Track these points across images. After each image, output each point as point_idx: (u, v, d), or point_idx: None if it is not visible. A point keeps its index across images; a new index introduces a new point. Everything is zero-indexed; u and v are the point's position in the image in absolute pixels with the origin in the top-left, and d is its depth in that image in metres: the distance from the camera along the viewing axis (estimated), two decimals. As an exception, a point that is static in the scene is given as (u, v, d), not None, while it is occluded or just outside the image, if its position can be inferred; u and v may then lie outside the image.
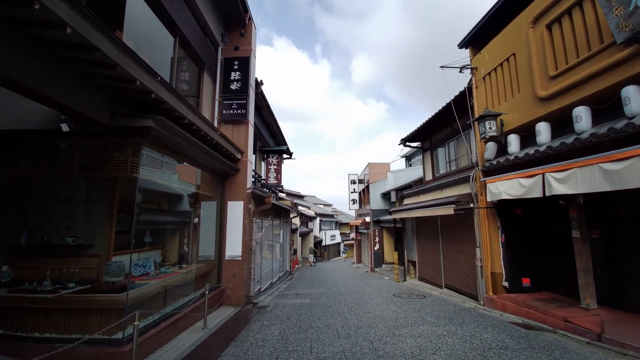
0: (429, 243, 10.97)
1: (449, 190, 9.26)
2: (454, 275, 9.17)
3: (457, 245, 9.00)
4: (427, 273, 11.19)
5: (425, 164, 12.72)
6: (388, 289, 10.33)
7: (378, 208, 19.11)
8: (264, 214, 9.28)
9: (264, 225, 10.20)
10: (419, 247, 11.85)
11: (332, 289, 10.48)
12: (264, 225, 10.48)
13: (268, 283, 11.02)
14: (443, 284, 9.81)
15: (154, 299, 4.88)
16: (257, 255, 9.32)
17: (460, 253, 8.79)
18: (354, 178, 23.50)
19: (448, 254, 9.56)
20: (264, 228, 10.20)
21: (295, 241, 25.74)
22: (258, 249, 9.46)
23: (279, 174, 12.67)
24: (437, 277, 10.27)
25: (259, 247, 9.67)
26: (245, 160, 7.71)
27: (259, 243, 9.84)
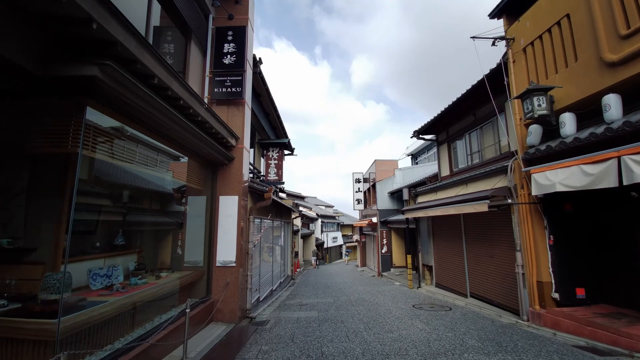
0: (449, 245, 9.73)
1: (477, 184, 8.03)
2: (483, 283, 7.93)
3: (487, 248, 7.77)
4: (446, 279, 9.94)
5: (441, 158, 11.51)
6: (404, 297, 9.08)
7: (385, 208, 17.89)
8: (263, 212, 8.08)
9: (263, 225, 8.97)
10: (437, 250, 10.61)
11: (340, 297, 9.24)
12: (264, 225, 9.25)
13: (268, 290, 9.77)
14: (468, 292, 8.56)
15: (114, 323, 3.64)
16: (256, 260, 8.08)
17: (491, 257, 7.55)
18: (359, 177, 22.29)
19: (474, 258, 8.32)
20: (263, 228, 8.96)
21: (297, 243, 24.50)
22: (257, 252, 8.23)
23: (280, 169, 11.44)
24: (459, 284, 9.02)
25: (258, 250, 8.44)
26: (241, 148, 6.49)
27: (258, 245, 8.61)
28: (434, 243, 10.78)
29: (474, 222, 8.37)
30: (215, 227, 6.11)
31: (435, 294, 9.60)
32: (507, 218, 6.83)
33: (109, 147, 3.57)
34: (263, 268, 9.16)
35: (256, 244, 7.74)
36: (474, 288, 8.37)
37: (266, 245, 9.80)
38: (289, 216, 15.43)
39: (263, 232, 9.14)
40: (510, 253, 6.72)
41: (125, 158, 4.02)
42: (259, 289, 8.57)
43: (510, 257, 6.76)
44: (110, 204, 4.69)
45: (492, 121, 8.66)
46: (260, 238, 8.85)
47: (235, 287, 5.97)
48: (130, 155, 4.16)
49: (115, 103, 3.15)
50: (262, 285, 8.94)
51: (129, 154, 4.11)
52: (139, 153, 4.43)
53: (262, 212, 7.97)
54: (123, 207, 4.86)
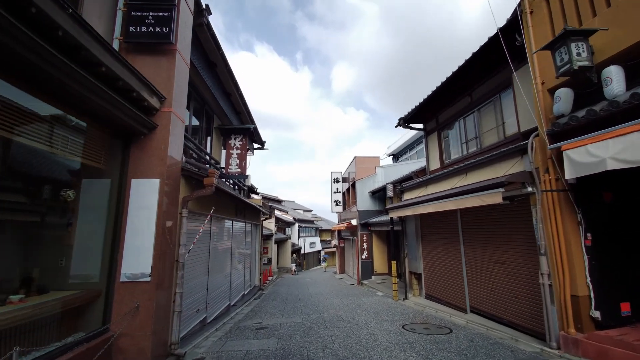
0: (443, 249, 8.18)
1: (480, 172, 6.52)
2: (489, 296, 6.37)
3: (494, 252, 6.24)
4: (439, 290, 8.36)
5: (430, 149, 10.05)
6: (389, 313, 7.39)
7: (366, 209, 16.31)
8: (206, 206, 6.16)
9: (212, 224, 7.02)
10: (426, 255, 9.04)
11: (311, 315, 7.42)
12: (215, 225, 7.30)
13: (223, 307, 7.79)
14: (468, 307, 6.99)
15: None
16: (196, 270, 6.14)
17: (501, 264, 6.01)
18: (337, 176, 20.66)
19: (476, 264, 6.77)
20: (209, 229, 7.02)
21: (270, 249, 22.44)
22: (199, 259, 6.27)
23: (244, 160, 9.52)
24: (456, 296, 7.45)
25: (203, 256, 6.48)
26: (168, 113, 4.60)
27: (201, 251, 6.66)
28: (423, 247, 9.22)
29: (476, 220, 6.84)
30: (123, 225, 4.15)
31: (426, 308, 7.99)
32: (523, 212, 5.32)
33: None
34: (214, 280, 7.19)
35: (192, 249, 5.80)
36: (475, 302, 6.80)
37: (220, 250, 7.83)
38: (257, 218, 13.47)
39: (214, 233, 7.19)
40: (530, 258, 5.20)
41: None
42: (206, 308, 6.59)
43: (529, 262, 5.24)
44: None
45: (493, 101, 7.25)
46: (210, 242, 6.90)
47: (150, 312, 4.02)
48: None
49: None
50: (212, 302, 6.96)
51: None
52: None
53: (205, 206, 6.06)
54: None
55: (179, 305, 4.63)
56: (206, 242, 6.78)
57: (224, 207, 7.99)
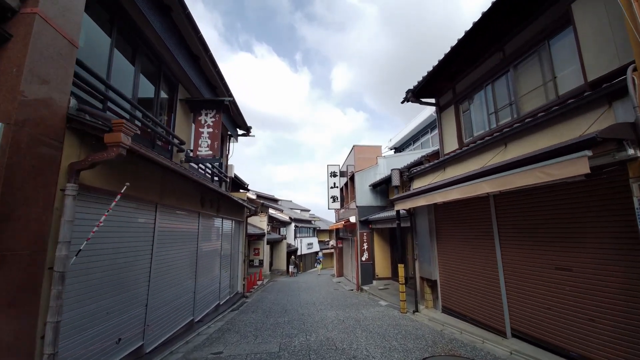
0: (468, 249, 6.29)
1: (531, 140, 4.63)
2: (543, 316, 4.48)
3: (552, 253, 4.35)
4: (461, 302, 6.46)
5: (445, 128, 8.21)
6: (400, 336, 5.49)
7: (367, 204, 14.42)
8: (141, 189, 4.26)
9: (157, 216, 5.12)
10: (444, 257, 7.15)
11: (294, 339, 5.52)
12: (163, 217, 5.41)
13: (176, 329, 5.89)
14: (508, 329, 5.09)
15: None
16: (126, 282, 4.26)
17: (565, 270, 4.13)
18: (334, 170, 18.76)
19: (522, 270, 4.88)
20: (156, 222, 5.12)
21: (262, 250, 20.56)
22: (130, 267, 4.38)
23: (216, 140, 7.64)
24: (489, 313, 5.56)
25: (136, 261, 4.59)
26: (31, 16, 2.70)
27: (148, 253, 4.77)
28: (439, 247, 7.32)
29: (521, 208, 4.96)
30: None
31: (446, 327, 6.10)
32: (610, 191, 3.45)
33: None
34: (161, 292, 5.30)
35: (118, 249, 3.90)
36: (521, 323, 4.90)
37: (174, 251, 5.92)
38: (239, 214, 11.57)
39: (161, 230, 5.29)
40: (622, 262, 3.32)
41: None
42: (143, 332, 4.70)
43: (619, 269, 3.36)
44: None
45: (536, 51, 5.42)
46: (153, 240, 5.01)
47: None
48: None
49: None
50: (156, 323, 5.06)
51: None
52: None
53: (139, 187, 4.16)
54: None
55: (52, 343, 2.73)
56: (145, 241, 4.89)
57: (182, 194, 6.10)
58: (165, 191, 5.35)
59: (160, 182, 5.17)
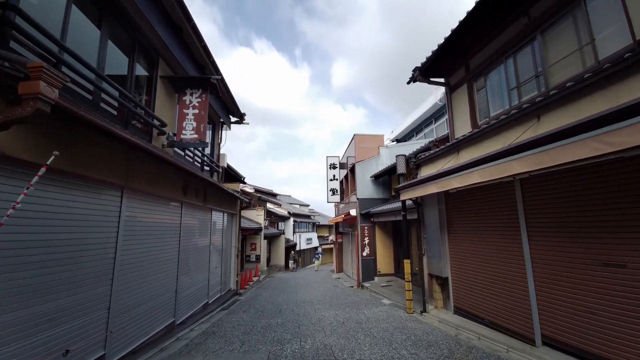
0: (485, 243, 5.51)
1: (576, 107, 3.82)
2: (586, 322, 3.70)
3: (598, 247, 3.56)
4: (477, 303, 5.69)
5: (456, 110, 7.42)
6: (409, 343, 4.73)
7: (368, 197, 13.63)
8: (105, 169, 3.47)
9: (122, 202, 4.32)
10: (456, 252, 6.37)
11: (286, 346, 4.75)
12: (133, 204, 4.61)
13: (151, 334, 5.13)
14: (537, 335, 4.32)
15: None
16: (75, 280, 3.49)
17: (615, 267, 3.34)
18: (334, 161, 17.95)
19: (557, 267, 4.10)
20: (122, 209, 4.32)
21: (259, 245, 19.82)
22: (80, 260, 3.61)
23: (202, 123, 6.82)
24: (513, 316, 4.79)
25: (91, 256, 3.81)
26: None
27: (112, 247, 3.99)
28: (451, 240, 6.54)
29: (557, 194, 4.15)
30: None
31: (460, 330, 5.34)
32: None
33: None
34: (129, 292, 4.53)
35: (59, 240, 3.11)
36: (554, 329, 4.13)
37: (148, 245, 5.12)
38: (231, 206, 10.79)
39: (129, 218, 4.50)
40: None
41: None
42: (105, 340, 3.94)
43: None
44: None
45: (569, 12, 4.61)
46: (118, 230, 4.22)
47: None
48: None
49: None
50: (123, 328, 4.29)
51: None
52: None
53: (95, 165, 3.37)
54: None
55: None
56: (107, 232, 4.10)
57: (157, 178, 5.30)
58: (134, 173, 4.54)
59: (124, 161, 4.36)
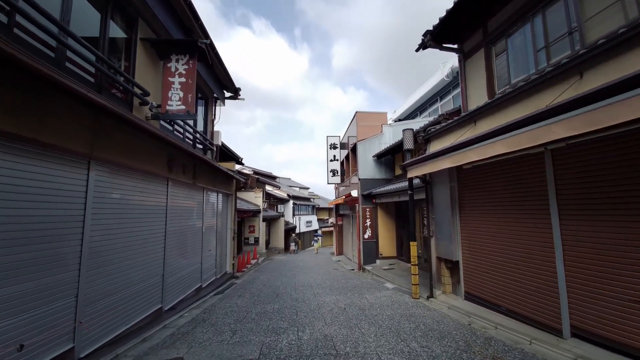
0: (504, 224, 4.94)
1: (624, 61, 3.14)
2: (630, 312, 3.17)
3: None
4: (492, 289, 5.19)
5: (470, 79, 6.73)
6: (418, 332, 4.24)
7: (370, 177, 13.04)
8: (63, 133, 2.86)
9: (89, 177, 3.71)
10: (468, 234, 5.83)
11: (282, 336, 4.27)
12: (103, 179, 4.00)
13: (132, 323, 4.65)
14: (566, 326, 3.82)
15: None
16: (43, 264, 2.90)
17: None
18: (334, 141, 17.23)
19: (596, 250, 3.53)
20: (89, 185, 3.71)
21: (257, 228, 19.41)
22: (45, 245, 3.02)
23: (190, 92, 6.10)
24: (536, 305, 4.28)
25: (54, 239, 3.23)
26: None
27: (79, 228, 3.42)
28: (463, 221, 5.98)
29: (600, 166, 3.53)
30: None
31: (473, 319, 4.86)
32: None
33: None
34: (100, 279, 4.00)
35: None
36: (586, 320, 3.61)
37: (125, 225, 4.55)
38: (226, 185, 10.20)
39: (99, 194, 3.90)
40: None
41: None
42: (74, 331, 3.43)
43: None
44: None
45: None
46: (86, 209, 3.64)
47: None
48: None
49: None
50: (99, 317, 3.79)
51: None
52: None
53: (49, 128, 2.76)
54: None
55: None
56: (70, 209, 3.51)
57: (135, 149, 4.66)
58: (102, 141, 3.90)
59: (90, 127, 3.71)
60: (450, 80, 15.11)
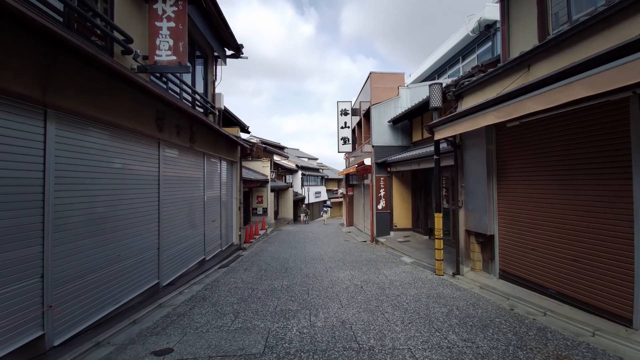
0: (560, 192, 4.06)
1: None
2: None
3: None
4: (536, 267, 4.43)
5: (515, 19, 5.58)
6: (455, 323, 3.56)
7: (385, 144, 12.07)
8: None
9: (46, 132, 2.94)
10: (508, 204, 4.99)
11: (291, 322, 3.66)
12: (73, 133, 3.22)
13: (126, 300, 4.11)
14: (638, 316, 3.07)
15: None
16: None
17: None
18: (346, 107, 16.08)
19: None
20: (47, 140, 2.95)
21: (265, 198, 18.89)
22: None
23: (181, 41, 5.11)
24: (598, 288, 3.51)
25: None
26: None
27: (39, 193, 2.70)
28: (502, 189, 5.12)
29: None
30: None
31: (513, 301, 4.16)
32: None
33: None
34: (73, 255, 3.36)
35: None
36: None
37: (104, 191, 3.84)
38: (230, 152, 9.44)
39: (63, 153, 3.15)
40: None
41: None
42: (56, 306, 2.82)
43: None
44: None
45: None
46: (47, 172, 2.90)
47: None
48: None
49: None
50: (80, 298, 3.19)
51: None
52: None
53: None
54: None
55: None
56: (28, 169, 2.77)
57: (108, 99, 3.83)
58: (60, 85, 3.07)
59: (43, 65, 2.88)
60: (476, 37, 13.50)
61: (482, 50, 13.52)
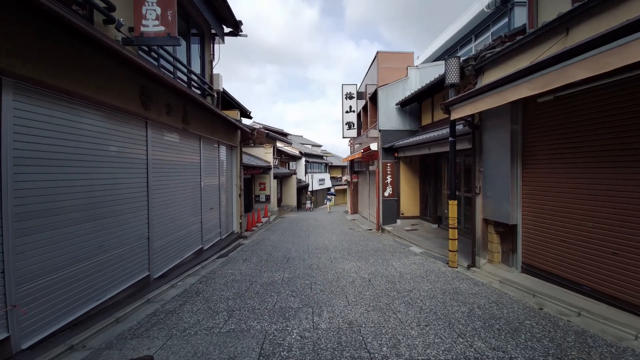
0: (600, 175, 3.54)
1: None
2: None
3: None
4: (566, 261, 3.95)
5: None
6: (479, 326, 3.12)
7: (392, 129, 11.46)
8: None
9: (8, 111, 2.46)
10: (534, 191, 4.47)
11: (291, 324, 3.24)
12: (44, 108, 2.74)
13: (110, 296, 3.72)
14: None
15: None
16: None
17: None
18: (351, 90, 15.39)
19: None
20: None
21: (268, 185, 18.49)
22: None
23: (170, 9, 4.55)
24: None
25: None
26: None
27: None
28: (527, 174, 4.59)
29: None
30: None
31: (539, 298, 3.70)
32: None
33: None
34: (42, 247, 2.94)
35: None
36: None
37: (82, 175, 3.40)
38: (229, 136, 8.94)
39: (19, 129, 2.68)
40: None
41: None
42: (21, 306, 2.42)
43: None
44: None
45: None
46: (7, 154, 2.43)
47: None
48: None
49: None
50: (53, 295, 2.79)
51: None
52: None
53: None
54: None
55: None
56: None
57: (83, 69, 3.33)
58: (18, 47, 2.57)
59: None
60: (491, 12, 12.63)
61: (497, 28, 12.68)
